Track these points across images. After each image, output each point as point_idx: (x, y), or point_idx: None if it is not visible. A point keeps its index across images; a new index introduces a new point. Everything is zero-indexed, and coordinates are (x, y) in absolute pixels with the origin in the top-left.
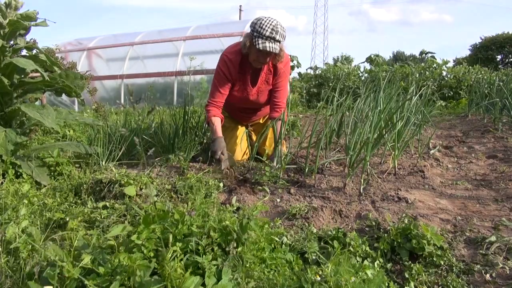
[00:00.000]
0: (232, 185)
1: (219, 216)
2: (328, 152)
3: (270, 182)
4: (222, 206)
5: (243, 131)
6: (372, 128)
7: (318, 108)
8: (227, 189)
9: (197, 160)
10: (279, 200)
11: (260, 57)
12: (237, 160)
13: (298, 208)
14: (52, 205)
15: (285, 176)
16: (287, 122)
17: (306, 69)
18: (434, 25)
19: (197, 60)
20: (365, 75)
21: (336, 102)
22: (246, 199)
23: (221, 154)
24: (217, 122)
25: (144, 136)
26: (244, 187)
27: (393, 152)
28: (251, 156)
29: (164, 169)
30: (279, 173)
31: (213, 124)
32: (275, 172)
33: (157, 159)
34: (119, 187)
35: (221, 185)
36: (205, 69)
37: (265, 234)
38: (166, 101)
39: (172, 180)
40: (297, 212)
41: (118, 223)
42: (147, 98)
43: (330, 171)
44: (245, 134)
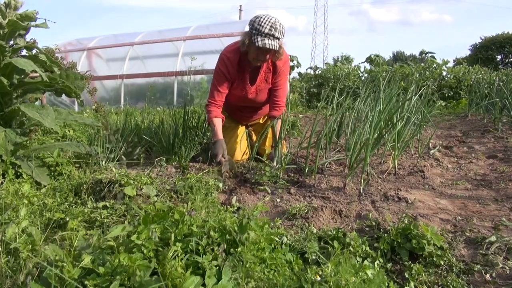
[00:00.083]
0: (232, 185)
1: (219, 216)
2: (328, 152)
3: (270, 182)
4: (222, 206)
5: (243, 131)
6: (372, 128)
7: (318, 108)
8: (227, 189)
9: (197, 160)
10: (279, 200)
11: (260, 55)
12: (237, 160)
13: (298, 208)
14: (52, 205)
15: (285, 176)
16: (287, 122)
17: (306, 69)
18: (434, 25)
19: (197, 60)
20: (365, 75)
21: (336, 102)
22: (246, 199)
23: (222, 157)
24: (218, 123)
25: (144, 136)
26: (244, 187)
27: (393, 152)
28: (251, 156)
29: (164, 169)
30: (279, 173)
31: (214, 125)
32: (275, 172)
33: (157, 159)
34: (119, 187)
35: (221, 185)
36: (205, 69)
37: (265, 234)
38: (166, 101)
39: (172, 180)
40: (297, 212)
41: (118, 223)
42: (147, 98)
43: (330, 171)
44: (245, 134)
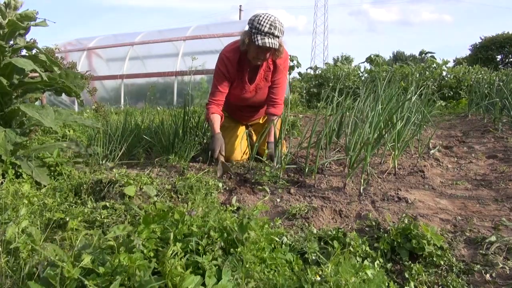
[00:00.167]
0: (232, 185)
1: (219, 216)
2: (328, 152)
3: (270, 182)
4: (222, 206)
5: (243, 131)
6: (372, 128)
7: (318, 108)
8: (227, 189)
9: (197, 160)
10: (279, 200)
11: (260, 54)
12: (236, 160)
13: (298, 208)
14: (52, 205)
15: (285, 176)
16: (287, 122)
17: (306, 69)
18: (434, 25)
19: (197, 60)
20: (365, 75)
21: (336, 102)
22: (246, 199)
23: (219, 153)
24: (216, 119)
25: (144, 136)
26: (244, 187)
27: (393, 152)
28: (251, 156)
29: (164, 169)
30: (279, 173)
31: (212, 120)
32: (275, 172)
33: (157, 159)
34: (119, 187)
35: (221, 185)
36: (205, 69)
37: (265, 234)
38: (166, 101)
39: (172, 180)
40: (297, 212)
41: (118, 223)
42: (147, 98)
43: (330, 171)
44: (245, 134)
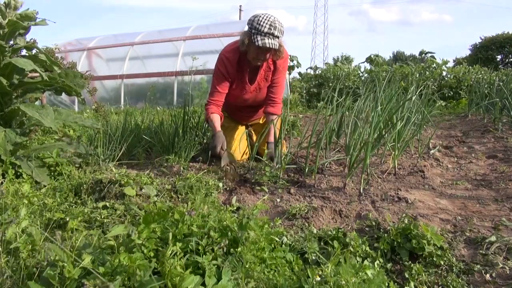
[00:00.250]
0: (232, 185)
1: (219, 216)
2: (328, 152)
3: (270, 182)
4: (222, 206)
5: (243, 131)
6: (372, 128)
7: (318, 108)
8: (227, 189)
9: (197, 160)
10: (279, 200)
11: (260, 54)
12: (236, 160)
13: (298, 208)
14: (52, 205)
15: (285, 176)
16: (287, 121)
17: (306, 69)
18: (434, 25)
19: (197, 60)
20: (365, 75)
21: (336, 102)
22: (246, 199)
23: (220, 149)
24: (216, 118)
25: (144, 136)
26: (244, 187)
27: (393, 152)
28: (251, 156)
29: (164, 169)
30: (279, 173)
31: (212, 120)
32: (275, 172)
33: (157, 159)
34: (119, 187)
35: (221, 185)
36: (205, 69)
37: (265, 234)
38: (166, 101)
39: (172, 180)
40: (297, 212)
41: (118, 223)
42: (147, 98)
43: (330, 171)
44: (245, 134)
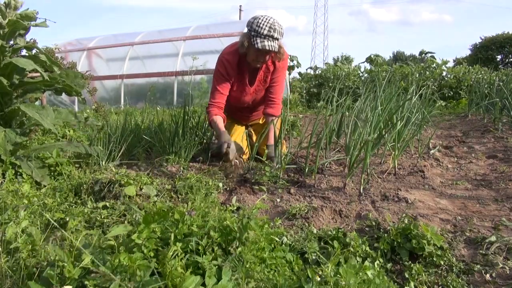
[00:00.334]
0: (232, 185)
1: (219, 216)
2: (328, 152)
3: (270, 182)
4: (222, 206)
5: (242, 130)
6: (372, 128)
7: (318, 108)
8: (227, 189)
9: (197, 160)
10: (279, 200)
11: (259, 56)
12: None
13: (298, 208)
14: (52, 205)
15: (285, 176)
16: (287, 121)
17: (306, 69)
18: (434, 25)
19: (197, 60)
20: (365, 75)
21: (335, 102)
22: (246, 199)
23: (227, 147)
24: (219, 120)
25: (144, 136)
26: (244, 187)
27: (393, 152)
28: (251, 156)
29: (164, 169)
30: (279, 173)
31: (215, 122)
32: (275, 172)
33: (157, 159)
34: (119, 187)
35: (221, 185)
36: (205, 69)
37: (265, 234)
38: (166, 101)
39: (172, 180)
40: (297, 212)
41: (118, 223)
42: (147, 98)
43: (330, 171)
44: (244, 134)
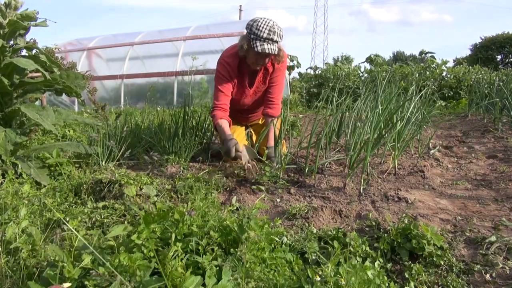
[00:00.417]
0: (232, 185)
1: (219, 215)
2: (328, 152)
3: (270, 182)
4: (222, 206)
5: (243, 131)
6: (372, 128)
7: (318, 108)
8: (227, 189)
9: (197, 160)
10: (279, 200)
11: (259, 59)
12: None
13: (298, 208)
14: (52, 205)
15: (285, 176)
16: (287, 121)
17: (306, 69)
18: (434, 25)
19: (197, 60)
20: (365, 75)
21: (335, 102)
22: (246, 199)
23: (236, 152)
24: (225, 123)
25: (144, 136)
26: (244, 187)
27: (393, 152)
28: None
29: (164, 169)
30: (279, 173)
31: (221, 126)
32: (275, 172)
33: (157, 159)
34: (119, 187)
35: (221, 185)
36: (205, 69)
37: (265, 234)
38: (166, 101)
39: (172, 180)
40: (297, 212)
41: (118, 223)
42: (147, 98)
43: (330, 171)
44: (245, 134)
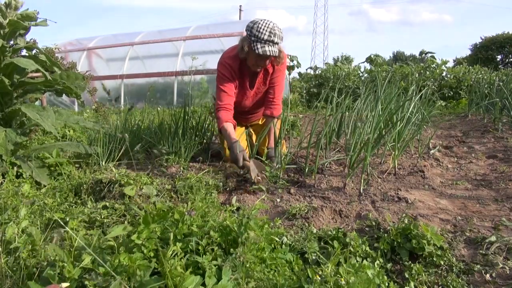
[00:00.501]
0: (232, 185)
1: (219, 215)
2: (328, 152)
3: (270, 182)
4: (222, 206)
5: (242, 131)
6: (372, 128)
7: (317, 108)
8: (227, 189)
9: (197, 160)
10: (279, 200)
11: (260, 61)
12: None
13: (298, 208)
14: (52, 205)
15: (285, 176)
16: (287, 121)
17: (306, 69)
18: (434, 25)
19: (197, 60)
20: (365, 75)
21: (335, 102)
22: (246, 199)
23: (243, 160)
24: (230, 127)
25: (144, 136)
26: (244, 187)
27: (393, 152)
28: (251, 156)
29: (164, 169)
30: (279, 173)
31: (226, 130)
32: (275, 172)
33: (157, 159)
34: (119, 187)
35: (221, 185)
36: (205, 69)
37: (265, 234)
38: (166, 101)
39: (172, 180)
40: (297, 212)
41: (118, 223)
42: (147, 98)
43: (330, 171)
44: (244, 134)
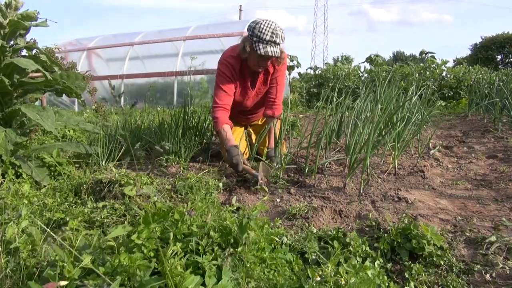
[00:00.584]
0: (232, 185)
1: (219, 215)
2: (328, 152)
3: (270, 182)
4: (222, 206)
5: (242, 131)
6: (372, 128)
7: (317, 108)
8: (227, 189)
9: (197, 160)
10: (279, 200)
11: (261, 62)
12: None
13: (298, 208)
14: (52, 205)
15: (285, 176)
16: (287, 122)
17: (306, 69)
18: (434, 25)
19: (197, 60)
20: (365, 75)
21: (335, 102)
22: (246, 199)
23: (244, 165)
24: (228, 130)
25: (144, 136)
26: (244, 187)
27: (393, 152)
28: (251, 156)
29: (164, 169)
30: (279, 173)
31: (226, 133)
32: (275, 172)
33: (157, 159)
34: (119, 187)
35: (221, 185)
36: (205, 69)
37: (265, 234)
38: (166, 101)
39: (172, 180)
40: (297, 212)
41: (118, 223)
42: (147, 98)
43: (330, 171)
44: (244, 134)
